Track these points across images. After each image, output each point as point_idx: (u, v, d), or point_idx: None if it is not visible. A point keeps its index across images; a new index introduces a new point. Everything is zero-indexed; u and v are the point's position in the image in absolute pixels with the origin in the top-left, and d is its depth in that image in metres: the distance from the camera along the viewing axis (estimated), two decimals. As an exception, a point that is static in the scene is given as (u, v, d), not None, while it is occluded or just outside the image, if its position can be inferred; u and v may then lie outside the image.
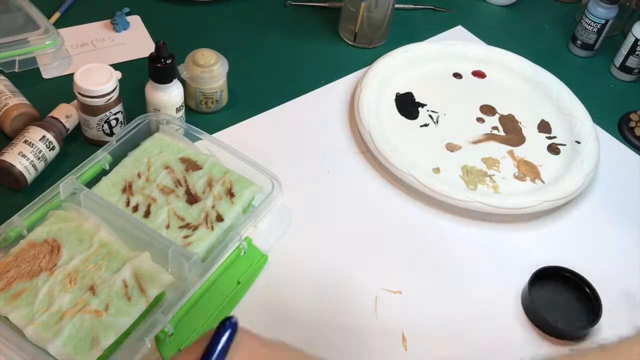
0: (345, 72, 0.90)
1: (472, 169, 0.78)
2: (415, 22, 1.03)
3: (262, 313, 0.62)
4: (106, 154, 0.68)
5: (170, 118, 0.74)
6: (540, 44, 1.02)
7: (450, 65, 0.92)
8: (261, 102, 0.84)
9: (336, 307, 0.64)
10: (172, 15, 0.96)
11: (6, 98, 0.73)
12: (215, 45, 0.81)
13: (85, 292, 0.57)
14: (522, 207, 0.73)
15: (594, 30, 0.96)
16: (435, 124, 0.84)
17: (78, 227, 0.62)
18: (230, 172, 0.69)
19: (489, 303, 0.66)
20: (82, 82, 0.69)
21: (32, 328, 0.54)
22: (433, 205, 0.75)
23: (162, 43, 0.71)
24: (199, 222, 0.64)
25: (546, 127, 0.85)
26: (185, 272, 0.60)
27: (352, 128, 0.82)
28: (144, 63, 0.74)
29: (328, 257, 0.68)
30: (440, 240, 0.72)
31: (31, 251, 0.59)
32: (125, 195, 0.66)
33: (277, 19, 0.99)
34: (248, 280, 0.64)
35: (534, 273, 0.66)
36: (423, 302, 0.66)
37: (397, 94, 0.87)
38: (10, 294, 0.56)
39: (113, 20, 0.92)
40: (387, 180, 0.77)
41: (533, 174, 0.79)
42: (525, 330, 0.65)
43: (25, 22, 0.83)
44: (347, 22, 0.94)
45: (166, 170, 0.68)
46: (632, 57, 0.94)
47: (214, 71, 0.77)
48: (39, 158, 0.69)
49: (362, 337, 0.62)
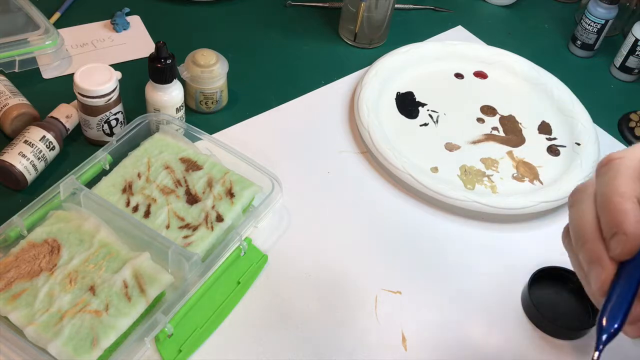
0: (345, 72, 0.90)
1: (470, 169, 0.78)
2: (415, 22, 1.03)
3: (262, 313, 0.63)
4: (106, 154, 0.69)
5: (170, 118, 0.74)
6: (540, 44, 1.02)
7: (451, 65, 0.92)
8: (261, 102, 0.84)
9: (336, 307, 0.64)
10: (172, 15, 0.96)
11: (6, 98, 0.73)
12: (215, 45, 0.81)
13: (85, 292, 0.57)
14: (519, 208, 0.73)
15: (594, 30, 0.96)
16: (435, 124, 0.84)
17: (78, 227, 0.62)
18: (230, 172, 0.69)
19: (488, 303, 0.66)
20: (82, 82, 0.69)
21: (32, 328, 0.54)
22: (433, 206, 0.75)
23: (162, 43, 0.71)
24: (199, 223, 0.64)
25: (547, 128, 0.86)
26: (185, 272, 0.60)
27: (352, 128, 0.82)
28: (144, 63, 0.74)
29: (328, 257, 0.68)
30: (441, 240, 0.72)
31: (31, 251, 0.59)
32: (125, 195, 0.66)
33: (277, 19, 0.99)
34: (248, 280, 0.64)
35: (534, 273, 0.66)
36: (423, 302, 0.66)
37: (398, 93, 0.87)
38: (10, 294, 0.56)
39: (113, 20, 0.92)
40: (387, 180, 0.77)
41: (532, 175, 0.79)
42: (525, 330, 0.65)
43: (25, 22, 0.83)
44: (347, 22, 0.94)
45: (166, 170, 0.69)
46: (632, 57, 0.94)
47: (214, 71, 0.77)
48: (39, 158, 0.69)
49: (362, 337, 0.62)
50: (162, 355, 0.57)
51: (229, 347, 0.60)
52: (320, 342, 0.61)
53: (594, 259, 0.38)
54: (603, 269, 0.38)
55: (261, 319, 0.62)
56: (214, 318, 0.61)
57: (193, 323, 0.59)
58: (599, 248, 0.38)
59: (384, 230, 0.72)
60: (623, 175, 0.38)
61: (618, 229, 0.37)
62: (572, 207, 0.42)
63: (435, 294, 0.67)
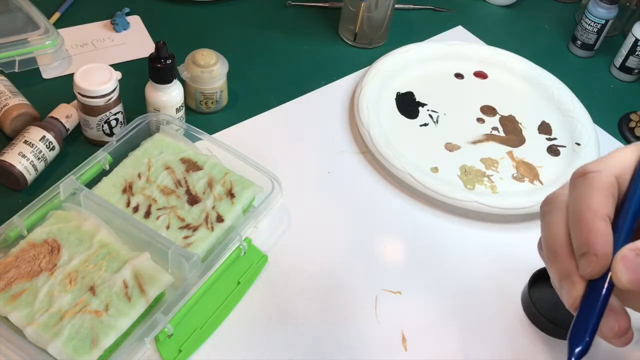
0: (345, 72, 0.90)
1: (470, 169, 0.78)
2: (415, 22, 1.03)
3: (262, 313, 0.63)
4: (106, 154, 0.69)
5: (170, 118, 0.74)
6: (540, 44, 1.02)
7: (451, 65, 0.92)
8: (261, 102, 0.84)
9: (336, 307, 0.64)
10: (172, 15, 0.96)
11: (6, 98, 0.73)
12: (215, 45, 0.81)
13: (85, 292, 0.57)
14: (519, 208, 0.73)
15: (594, 30, 0.96)
16: (435, 124, 0.84)
17: (78, 227, 0.62)
18: (230, 172, 0.69)
19: (488, 303, 0.66)
20: (82, 83, 0.69)
21: (32, 328, 0.54)
22: (433, 206, 0.75)
23: (162, 43, 0.71)
24: (199, 223, 0.64)
25: (547, 128, 0.86)
26: (185, 273, 0.60)
27: (352, 128, 0.82)
28: (144, 63, 0.74)
29: (328, 257, 0.68)
30: (441, 240, 0.72)
31: (31, 251, 0.59)
32: (125, 195, 0.66)
33: (277, 19, 0.99)
34: (248, 280, 0.64)
35: (534, 273, 0.66)
36: (423, 302, 0.66)
37: (398, 93, 0.87)
38: (10, 294, 0.56)
39: (113, 20, 0.92)
40: (387, 180, 0.77)
41: (532, 175, 0.79)
42: (525, 330, 0.65)
43: (25, 22, 0.83)
44: (347, 22, 0.94)
45: (167, 170, 0.69)
46: (632, 57, 0.94)
47: (214, 71, 0.77)
48: (39, 158, 0.69)
49: (362, 337, 0.62)
50: (162, 355, 0.57)
51: (229, 347, 0.60)
52: (320, 342, 0.61)
53: (564, 275, 0.38)
54: (574, 286, 0.37)
55: (261, 319, 0.62)
56: (214, 318, 0.61)
57: (193, 323, 0.59)
58: (569, 264, 0.38)
59: (384, 230, 0.72)
60: (597, 191, 0.38)
61: (588, 249, 0.36)
62: (543, 219, 0.42)
63: (435, 294, 0.67)
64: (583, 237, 0.37)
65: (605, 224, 0.37)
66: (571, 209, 0.39)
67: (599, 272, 0.36)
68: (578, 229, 0.37)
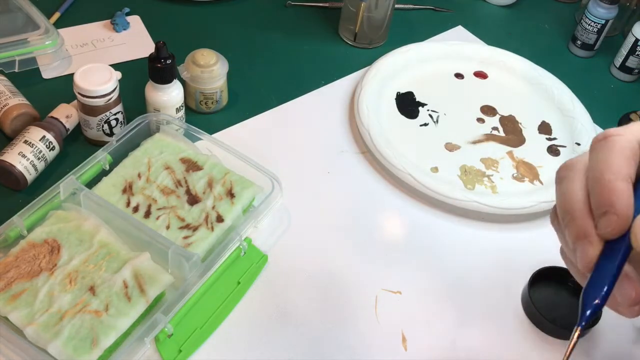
0: (345, 72, 0.90)
1: (470, 169, 0.78)
2: (415, 22, 1.03)
3: (262, 313, 0.63)
4: (106, 154, 0.69)
5: (170, 118, 0.74)
6: (540, 44, 1.02)
7: (451, 65, 0.92)
8: (261, 102, 0.84)
9: (336, 307, 0.64)
10: (172, 15, 0.96)
11: (6, 98, 0.73)
12: (215, 45, 0.81)
13: (85, 292, 0.57)
14: (519, 208, 0.73)
15: (594, 30, 0.96)
16: (435, 124, 0.84)
17: (78, 227, 0.62)
18: (230, 172, 0.69)
19: (488, 303, 0.66)
20: (82, 82, 0.69)
21: (32, 328, 0.54)
22: (433, 206, 0.75)
23: (162, 43, 0.71)
24: (199, 223, 0.64)
25: (547, 128, 0.86)
26: (185, 273, 0.60)
27: (352, 128, 0.82)
28: (144, 63, 0.74)
29: (328, 257, 0.68)
30: (441, 240, 0.72)
31: (31, 251, 0.59)
32: (125, 195, 0.66)
33: (277, 19, 0.99)
34: (248, 280, 0.64)
35: (534, 273, 0.66)
36: (423, 302, 0.66)
37: (398, 93, 0.87)
38: (10, 294, 0.56)
39: (113, 20, 0.92)
40: (387, 180, 0.77)
41: (532, 175, 0.79)
42: (525, 330, 0.65)
43: (25, 22, 0.83)
44: (347, 22, 0.94)
45: (167, 170, 0.69)
46: (632, 57, 0.94)
47: (214, 71, 0.77)
48: (39, 158, 0.69)
49: (362, 337, 0.62)
50: (162, 355, 0.57)
51: (229, 347, 0.60)
52: (320, 343, 0.61)
53: (581, 235, 0.37)
54: (590, 245, 0.37)
55: (261, 319, 0.62)
56: (214, 318, 0.61)
57: (193, 323, 0.59)
58: (587, 224, 0.37)
59: (384, 230, 0.72)
60: (618, 153, 0.37)
61: (609, 209, 0.36)
62: (560, 183, 0.41)
63: (435, 294, 0.67)
64: (604, 196, 0.36)
65: (626, 184, 0.36)
66: (591, 171, 0.38)
67: (620, 231, 0.36)
68: (599, 189, 0.36)
